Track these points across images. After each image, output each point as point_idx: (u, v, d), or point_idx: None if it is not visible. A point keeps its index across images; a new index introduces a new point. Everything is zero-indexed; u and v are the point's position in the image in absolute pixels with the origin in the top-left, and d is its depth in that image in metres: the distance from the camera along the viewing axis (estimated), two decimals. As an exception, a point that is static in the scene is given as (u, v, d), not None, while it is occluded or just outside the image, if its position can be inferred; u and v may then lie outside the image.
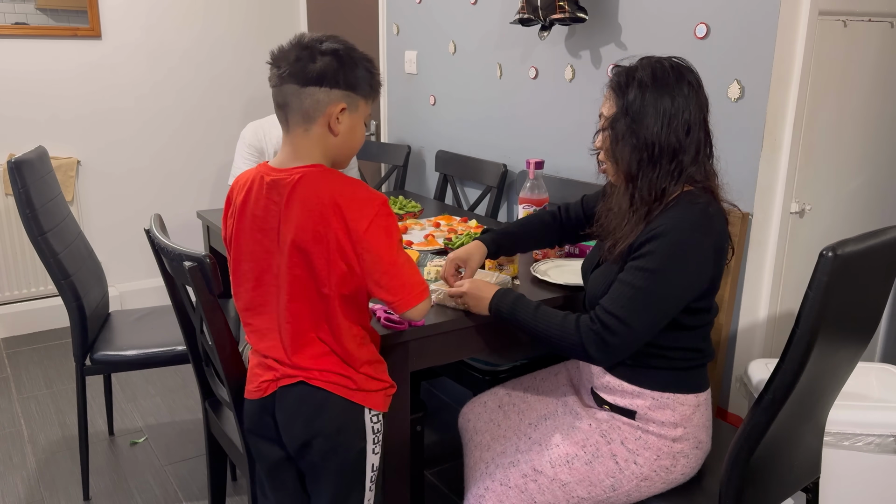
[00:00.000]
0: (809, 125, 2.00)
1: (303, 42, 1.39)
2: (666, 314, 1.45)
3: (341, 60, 1.38)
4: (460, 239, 2.10)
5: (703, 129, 1.47)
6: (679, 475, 1.55)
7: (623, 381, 1.54)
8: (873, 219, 2.27)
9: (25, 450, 2.64)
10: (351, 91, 1.40)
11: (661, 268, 1.41)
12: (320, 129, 1.40)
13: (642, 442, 1.52)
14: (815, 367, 1.32)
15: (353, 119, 1.42)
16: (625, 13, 2.30)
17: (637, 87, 1.45)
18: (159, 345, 2.32)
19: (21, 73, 3.47)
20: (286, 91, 1.38)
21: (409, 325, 1.62)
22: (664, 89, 1.43)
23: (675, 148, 1.44)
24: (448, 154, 3.16)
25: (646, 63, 1.47)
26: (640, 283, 1.42)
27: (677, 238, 1.41)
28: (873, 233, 1.33)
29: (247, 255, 1.47)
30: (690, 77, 1.46)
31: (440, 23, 3.13)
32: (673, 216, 1.43)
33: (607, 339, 1.43)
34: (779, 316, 2.09)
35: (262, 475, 1.59)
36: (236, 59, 3.99)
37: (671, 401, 1.52)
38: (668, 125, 1.43)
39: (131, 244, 3.86)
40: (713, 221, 1.45)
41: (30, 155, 2.22)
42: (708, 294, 1.49)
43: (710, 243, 1.44)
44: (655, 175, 1.46)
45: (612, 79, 1.50)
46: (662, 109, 1.43)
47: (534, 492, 1.54)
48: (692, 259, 1.42)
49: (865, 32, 2.03)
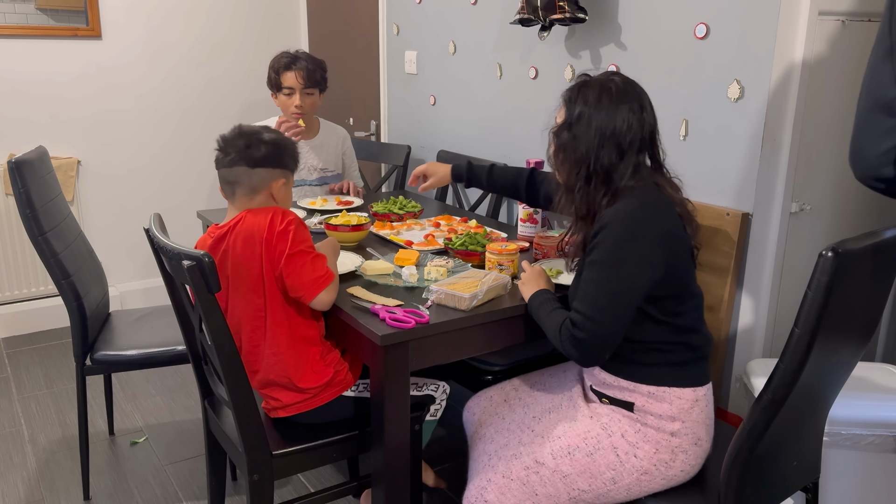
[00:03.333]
0: (809, 125, 2.00)
1: (245, 132, 1.78)
2: (627, 303, 1.48)
3: (279, 147, 1.79)
4: (460, 239, 2.11)
5: (644, 149, 1.55)
6: (678, 471, 1.56)
7: (619, 377, 1.57)
8: (873, 219, 2.27)
9: (25, 450, 2.64)
10: (286, 169, 1.82)
11: (610, 257, 1.48)
12: (262, 198, 1.79)
13: (641, 435, 1.55)
14: (815, 367, 1.32)
15: (287, 188, 1.84)
16: (625, 13, 2.30)
17: (583, 103, 1.53)
18: (159, 345, 2.32)
19: (21, 74, 3.47)
20: (237, 171, 1.76)
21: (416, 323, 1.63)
22: (606, 110, 1.51)
23: (607, 168, 1.53)
24: (448, 154, 3.16)
25: (598, 81, 1.55)
26: (595, 276, 1.48)
27: (621, 226, 1.48)
28: (873, 233, 1.33)
29: None
30: (635, 101, 1.52)
31: (440, 23, 3.13)
32: (616, 207, 1.50)
33: (578, 336, 1.48)
34: (779, 316, 2.09)
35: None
36: (236, 59, 4.00)
37: (667, 394, 1.54)
38: (602, 146, 1.51)
39: (131, 244, 3.86)
40: (653, 209, 1.51)
41: (30, 155, 2.22)
42: (666, 283, 1.51)
43: (653, 229, 1.49)
44: (590, 190, 1.55)
45: (567, 89, 1.59)
46: (599, 129, 1.51)
47: (535, 484, 1.57)
48: (637, 244, 1.47)
49: (865, 32, 2.03)
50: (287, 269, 1.68)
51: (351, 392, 1.84)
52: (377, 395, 1.68)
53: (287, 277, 1.69)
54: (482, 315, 1.72)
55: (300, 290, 1.70)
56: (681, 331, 1.56)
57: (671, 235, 1.52)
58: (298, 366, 1.75)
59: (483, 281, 1.78)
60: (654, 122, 1.57)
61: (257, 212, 1.73)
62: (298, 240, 1.70)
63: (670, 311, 1.54)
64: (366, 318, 1.67)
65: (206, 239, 1.79)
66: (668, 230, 1.51)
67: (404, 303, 1.75)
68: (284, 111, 2.79)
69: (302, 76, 2.71)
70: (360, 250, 2.20)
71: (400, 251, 2.06)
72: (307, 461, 1.79)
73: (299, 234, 1.71)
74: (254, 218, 1.72)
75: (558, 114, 1.61)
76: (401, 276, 1.90)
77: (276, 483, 1.97)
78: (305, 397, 1.78)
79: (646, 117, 1.54)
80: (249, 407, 1.66)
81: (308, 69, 2.72)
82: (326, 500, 1.88)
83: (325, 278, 1.71)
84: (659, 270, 1.49)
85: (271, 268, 1.70)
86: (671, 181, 1.61)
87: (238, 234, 1.71)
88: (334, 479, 2.46)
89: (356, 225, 2.23)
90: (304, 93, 2.74)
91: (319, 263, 1.72)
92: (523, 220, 2.31)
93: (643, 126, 1.53)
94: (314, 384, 1.77)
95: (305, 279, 1.69)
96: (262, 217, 1.71)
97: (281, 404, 1.79)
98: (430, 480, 2.29)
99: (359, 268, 1.97)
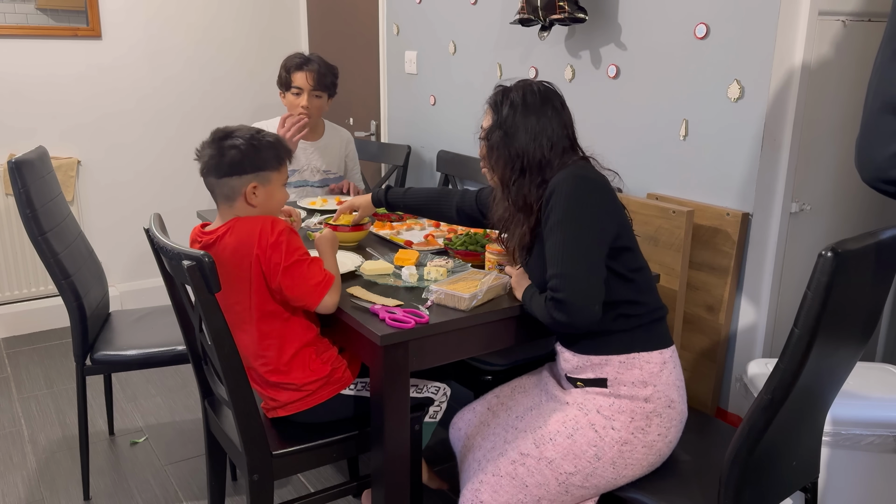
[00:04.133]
0: (809, 125, 2.00)
1: (215, 138, 1.72)
2: (596, 253, 1.56)
3: (244, 152, 1.70)
4: (460, 239, 2.10)
5: (567, 142, 1.69)
6: (655, 436, 1.61)
7: (590, 355, 1.63)
8: (873, 219, 2.27)
9: (26, 450, 2.64)
10: (259, 171, 1.72)
11: (567, 215, 1.56)
12: (241, 204, 1.73)
13: (616, 407, 1.61)
14: (815, 367, 1.32)
15: (267, 190, 1.74)
16: (625, 13, 2.30)
17: (510, 106, 1.67)
18: (159, 345, 2.32)
19: (21, 74, 3.47)
20: (210, 182, 1.73)
21: (416, 323, 1.63)
22: (532, 110, 1.65)
23: (540, 160, 1.65)
24: (449, 154, 3.17)
25: (519, 86, 1.69)
26: (559, 237, 1.56)
27: (570, 184, 1.58)
28: (873, 233, 1.33)
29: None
30: (556, 100, 1.68)
31: (440, 23, 3.13)
32: (559, 175, 1.62)
33: (559, 298, 1.54)
34: (779, 316, 2.09)
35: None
36: (236, 59, 4.00)
37: (637, 359, 1.61)
38: (534, 140, 1.65)
39: (131, 244, 3.86)
40: (589, 169, 1.65)
41: (30, 155, 2.22)
42: (621, 234, 1.61)
43: (597, 184, 1.61)
44: (524, 182, 1.67)
45: (491, 96, 1.72)
46: (530, 127, 1.65)
47: (524, 475, 1.62)
48: (590, 198, 1.58)
49: (865, 32, 2.03)
50: (285, 281, 1.66)
51: (349, 390, 1.84)
52: (377, 395, 1.68)
53: (287, 290, 1.67)
54: (482, 315, 1.72)
55: (303, 300, 1.69)
56: (640, 289, 1.64)
57: (613, 193, 1.64)
58: (292, 366, 1.75)
59: (483, 281, 1.78)
60: (570, 118, 1.71)
61: (245, 222, 1.70)
62: (292, 249, 1.68)
63: (631, 266, 1.63)
64: (366, 318, 1.67)
65: (193, 241, 1.78)
66: (611, 188, 1.64)
67: (404, 303, 1.75)
68: (290, 111, 2.79)
69: (312, 78, 2.72)
70: (360, 250, 2.21)
71: (400, 251, 2.06)
72: (307, 461, 1.79)
73: (292, 244, 1.69)
74: (242, 229, 1.69)
75: (484, 120, 1.73)
76: (401, 276, 1.90)
77: (276, 483, 1.97)
78: (303, 395, 1.77)
79: (565, 114, 1.69)
80: (249, 407, 1.66)
81: (319, 72, 2.73)
82: (326, 500, 1.88)
83: (325, 283, 1.70)
84: (615, 220, 1.60)
85: (264, 280, 1.68)
86: (591, 158, 1.74)
87: (226, 245, 1.69)
88: (334, 479, 2.46)
89: (356, 225, 2.23)
90: (312, 94, 2.74)
91: (317, 269, 1.71)
92: (523, 220, 2.31)
93: (565, 122, 1.68)
94: (310, 379, 1.77)
95: (305, 288, 1.67)
96: (251, 228, 1.68)
97: (279, 403, 1.79)
98: (433, 483, 2.29)
99: (359, 268, 1.97)
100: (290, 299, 1.69)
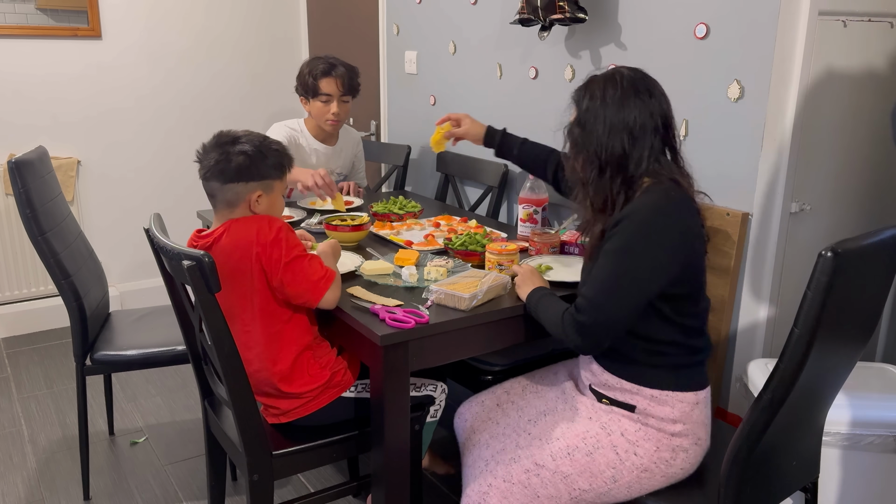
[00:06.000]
0: (809, 125, 2.00)
1: (220, 142, 1.70)
2: (635, 294, 1.48)
3: (252, 158, 1.69)
4: (460, 239, 2.11)
5: (657, 134, 1.54)
6: (678, 469, 1.56)
7: (622, 379, 1.57)
8: (873, 219, 2.27)
9: (25, 450, 2.64)
10: (264, 179, 1.72)
11: (626, 247, 1.47)
12: (241, 210, 1.73)
13: (642, 434, 1.55)
14: (815, 367, 1.32)
15: (270, 198, 1.74)
16: (625, 13, 2.30)
17: (589, 98, 1.56)
18: (159, 345, 2.32)
19: (21, 74, 3.47)
20: (212, 186, 1.71)
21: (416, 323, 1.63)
22: (612, 100, 1.52)
23: (619, 156, 1.52)
24: (449, 154, 3.16)
25: (603, 75, 1.58)
26: (608, 265, 1.48)
27: (641, 218, 1.48)
28: (872, 233, 1.33)
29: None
30: (643, 87, 1.54)
31: (440, 23, 3.13)
32: (637, 202, 1.51)
33: (581, 321, 1.49)
34: (779, 316, 2.09)
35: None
36: (236, 59, 4.00)
37: (670, 398, 1.54)
38: (612, 134, 1.52)
39: (131, 244, 3.86)
40: (676, 205, 1.51)
41: (30, 155, 2.22)
42: (683, 281, 1.51)
43: (674, 223, 1.49)
44: (603, 182, 1.55)
45: (575, 89, 1.61)
46: (608, 119, 1.52)
47: (537, 486, 1.56)
48: (656, 238, 1.47)
49: (865, 32, 2.03)
50: (286, 277, 1.66)
51: (350, 392, 1.83)
52: (377, 395, 1.68)
53: (288, 286, 1.67)
54: (482, 315, 1.72)
55: (305, 296, 1.68)
56: (687, 333, 1.56)
57: (692, 233, 1.52)
58: (293, 372, 1.74)
59: (483, 281, 1.78)
60: (665, 108, 1.56)
61: (241, 222, 1.70)
62: (291, 245, 1.68)
63: (683, 312, 1.54)
64: (365, 318, 1.67)
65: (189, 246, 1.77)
66: (690, 227, 1.52)
67: (404, 303, 1.75)
68: (318, 118, 2.76)
69: (342, 83, 2.69)
70: (360, 250, 2.21)
71: (400, 251, 2.06)
72: (307, 461, 1.79)
73: (291, 240, 1.69)
74: (239, 229, 1.69)
75: (571, 114, 1.62)
76: (401, 276, 1.90)
77: (276, 483, 1.97)
78: (303, 402, 1.77)
79: (654, 103, 1.54)
80: (249, 407, 1.66)
81: (348, 76, 2.70)
82: (326, 500, 1.88)
83: (327, 278, 1.70)
84: (675, 267, 1.49)
85: (265, 278, 1.68)
86: (686, 174, 1.60)
87: (223, 246, 1.69)
88: (334, 479, 2.46)
89: (356, 225, 2.23)
90: (341, 100, 2.72)
91: (317, 265, 1.70)
92: (523, 220, 2.31)
93: (652, 112, 1.53)
94: (310, 387, 1.76)
95: (307, 284, 1.67)
96: (248, 228, 1.68)
97: (280, 411, 1.79)
98: (440, 469, 2.28)
99: (359, 268, 1.97)
100: (292, 296, 1.68)
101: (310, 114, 2.78)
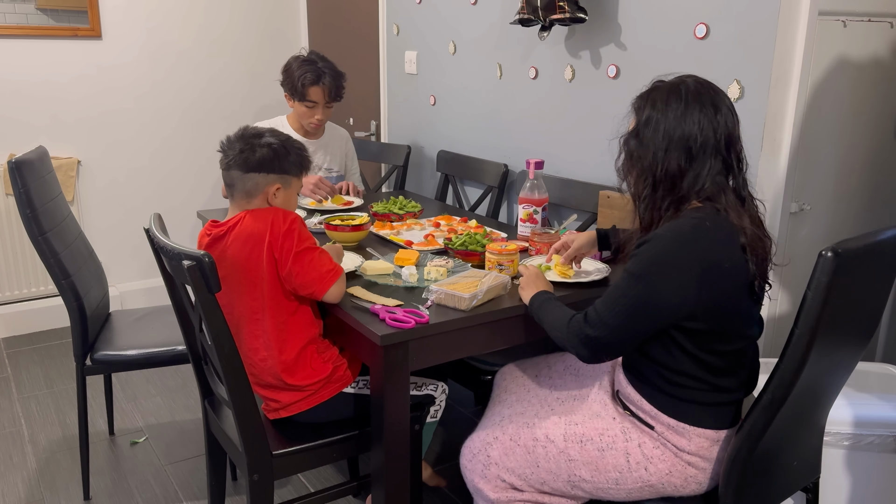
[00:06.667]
0: (809, 125, 2.00)
1: (246, 135, 1.77)
2: (642, 322, 1.41)
3: (276, 152, 1.75)
4: (460, 239, 2.11)
5: (718, 155, 1.42)
6: (685, 492, 1.53)
7: (643, 398, 1.52)
8: (873, 219, 2.27)
9: (26, 450, 2.64)
10: (284, 174, 1.78)
11: (641, 273, 1.40)
12: (259, 202, 1.77)
13: (658, 452, 1.50)
14: (815, 367, 1.32)
15: (286, 193, 1.81)
16: (625, 13, 2.30)
17: (651, 107, 1.44)
18: (159, 345, 2.32)
19: (21, 74, 3.47)
20: (233, 175, 1.76)
21: (416, 323, 1.63)
22: (674, 112, 1.41)
23: (674, 175, 1.42)
24: (449, 154, 3.17)
25: (668, 83, 1.46)
26: (622, 285, 1.43)
27: (661, 247, 1.39)
28: (873, 233, 1.33)
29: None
30: (709, 101, 1.41)
31: (440, 23, 3.13)
32: (667, 226, 1.42)
33: (586, 332, 1.46)
34: (779, 316, 2.09)
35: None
36: (236, 59, 4.00)
37: (688, 431, 1.47)
38: (669, 150, 1.41)
39: (131, 244, 3.86)
40: (703, 237, 1.38)
41: (30, 155, 2.22)
42: (705, 318, 1.40)
43: (694, 258, 1.37)
44: (654, 199, 1.46)
45: (637, 97, 1.50)
46: (668, 133, 1.41)
47: (540, 456, 1.58)
48: (671, 270, 1.38)
49: (865, 32, 2.03)
50: (296, 267, 1.68)
51: (351, 389, 1.84)
52: (377, 395, 1.68)
53: (297, 276, 1.69)
54: (482, 315, 1.72)
55: (311, 286, 1.70)
56: (711, 370, 1.44)
57: (717, 270, 1.38)
58: (297, 364, 1.75)
59: (483, 281, 1.78)
60: (732, 126, 1.43)
61: (257, 213, 1.74)
62: (304, 237, 1.71)
63: (707, 348, 1.43)
64: (366, 318, 1.67)
65: (203, 236, 1.80)
66: (715, 264, 1.37)
67: (404, 303, 1.75)
68: (301, 119, 2.79)
69: (328, 92, 2.71)
70: (360, 250, 2.21)
71: (400, 251, 2.06)
72: (307, 461, 1.79)
73: (304, 233, 1.72)
74: (254, 219, 1.72)
75: (630, 123, 1.51)
76: (401, 276, 1.91)
77: (276, 483, 1.97)
78: (304, 395, 1.78)
79: (720, 119, 1.41)
80: (249, 407, 1.66)
81: (334, 85, 2.72)
82: (326, 500, 1.88)
83: (335, 272, 1.73)
84: (690, 303, 1.38)
85: (275, 268, 1.70)
86: (740, 204, 1.45)
87: (238, 235, 1.72)
88: (334, 479, 2.46)
89: (356, 225, 2.23)
90: (326, 106, 2.75)
91: (326, 258, 1.74)
92: (523, 220, 2.31)
93: (716, 129, 1.40)
94: (312, 380, 1.77)
95: (315, 275, 1.70)
96: (263, 218, 1.71)
97: (281, 405, 1.80)
98: (430, 480, 2.29)
99: (359, 268, 1.97)
100: (299, 286, 1.70)
101: (293, 109, 2.81)
